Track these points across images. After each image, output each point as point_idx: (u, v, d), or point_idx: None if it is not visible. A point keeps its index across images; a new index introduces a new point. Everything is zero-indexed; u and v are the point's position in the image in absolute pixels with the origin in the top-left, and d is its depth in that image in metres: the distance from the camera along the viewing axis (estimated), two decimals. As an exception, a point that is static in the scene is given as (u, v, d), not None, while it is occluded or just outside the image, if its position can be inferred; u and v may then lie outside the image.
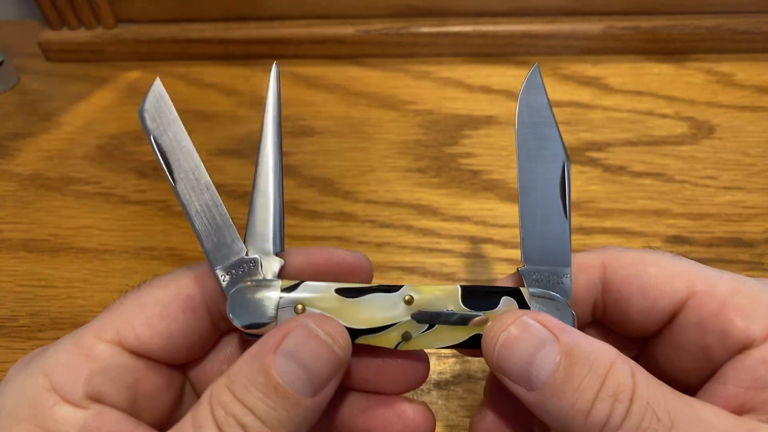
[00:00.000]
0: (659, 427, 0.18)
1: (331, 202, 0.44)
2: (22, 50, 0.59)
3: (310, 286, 0.22)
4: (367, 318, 0.21)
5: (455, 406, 0.33)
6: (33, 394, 0.20)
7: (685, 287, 0.21)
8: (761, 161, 0.44)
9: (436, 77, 0.54)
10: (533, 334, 0.20)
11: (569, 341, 0.19)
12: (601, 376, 0.18)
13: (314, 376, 0.19)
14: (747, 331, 0.20)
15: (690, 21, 0.52)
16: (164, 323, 0.21)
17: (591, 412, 0.18)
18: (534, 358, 0.19)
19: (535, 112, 0.23)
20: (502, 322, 0.20)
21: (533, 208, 0.23)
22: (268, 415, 0.18)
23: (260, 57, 0.57)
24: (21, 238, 0.43)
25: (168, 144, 0.22)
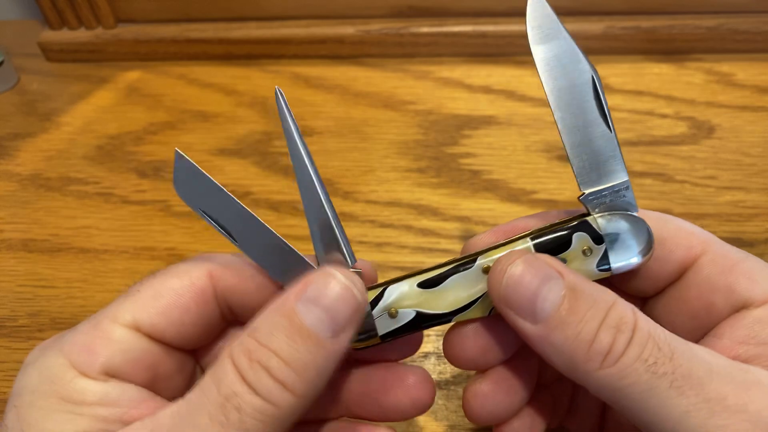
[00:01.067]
0: (660, 355, 0.18)
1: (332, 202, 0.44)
2: (22, 50, 0.59)
3: (394, 290, 0.22)
4: (454, 300, 0.22)
5: (455, 406, 0.33)
6: (53, 372, 0.21)
7: (700, 245, 0.22)
8: (761, 161, 0.44)
9: (436, 77, 0.54)
10: (539, 269, 0.20)
11: (573, 279, 0.20)
12: (604, 309, 0.19)
13: (335, 317, 0.20)
14: (750, 291, 0.21)
15: (690, 21, 0.52)
16: (178, 312, 0.23)
17: (594, 342, 0.19)
18: (539, 292, 0.20)
19: (547, 35, 0.22)
20: (508, 258, 0.21)
21: (575, 132, 0.22)
22: (293, 357, 0.19)
23: (260, 57, 0.57)
24: (21, 238, 0.43)
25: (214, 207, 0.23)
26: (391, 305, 0.22)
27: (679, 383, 0.18)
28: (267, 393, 0.18)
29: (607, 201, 0.22)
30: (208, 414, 0.18)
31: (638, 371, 0.18)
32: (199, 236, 0.42)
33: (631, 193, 0.22)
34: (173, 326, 0.23)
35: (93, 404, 0.20)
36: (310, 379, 0.19)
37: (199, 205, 0.23)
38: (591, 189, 0.22)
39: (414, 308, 0.22)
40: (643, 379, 0.18)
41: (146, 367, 0.22)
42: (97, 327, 0.22)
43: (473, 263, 0.22)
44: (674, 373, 0.18)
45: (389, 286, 0.23)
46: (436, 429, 0.32)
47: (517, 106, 0.50)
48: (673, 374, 0.18)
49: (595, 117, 0.22)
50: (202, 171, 0.23)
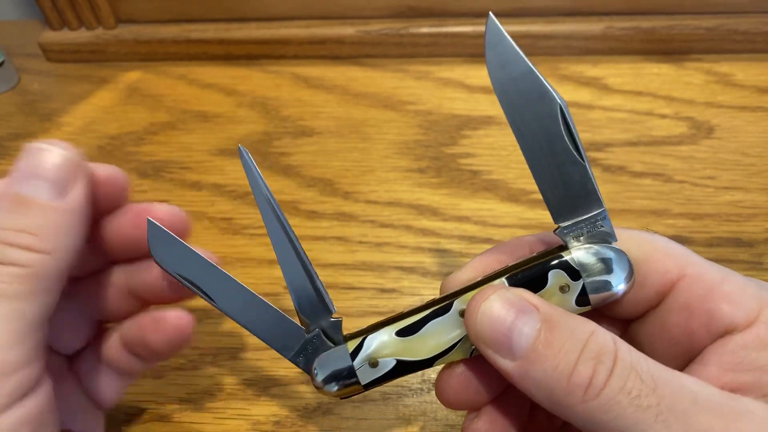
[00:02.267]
0: (643, 387, 0.18)
1: (331, 202, 0.44)
2: (23, 50, 0.59)
3: (374, 339, 0.22)
4: (433, 346, 0.22)
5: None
6: None
7: (676, 269, 0.21)
8: (761, 161, 0.44)
9: (436, 77, 0.54)
10: (513, 304, 0.20)
11: (548, 310, 0.20)
12: (582, 341, 0.19)
13: (51, 179, 0.21)
14: (732, 316, 0.20)
15: (690, 21, 0.52)
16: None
17: (573, 375, 0.18)
18: (514, 326, 0.19)
19: (507, 66, 0.21)
20: (482, 294, 0.21)
21: (545, 164, 0.21)
22: (24, 224, 0.20)
23: (260, 57, 0.57)
24: (21, 238, 0.43)
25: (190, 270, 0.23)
26: (371, 356, 0.22)
27: (665, 416, 0.17)
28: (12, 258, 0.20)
29: (584, 231, 0.22)
30: None
31: (622, 404, 0.18)
32: (199, 236, 0.42)
33: (609, 222, 0.22)
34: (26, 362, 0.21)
35: None
36: (52, 236, 0.20)
37: (177, 270, 0.23)
38: (567, 222, 0.22)
39: (394, 357, 0.22)
40: (628, 412, 0.18)
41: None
42: None
43: (450, 308, 0.22)
44: (659, 405, 0.18)
45: (369, 335, 0.22)
46: (435, 429, 0.32)
47: (516, 106, 0.50)
48: (658, 407, 0.18)
49: (566, 148, 0.21)
50: (176, 238, 0.23)
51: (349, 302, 0.38)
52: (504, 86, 0.21)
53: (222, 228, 0.42)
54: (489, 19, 0.20)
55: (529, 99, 0.21)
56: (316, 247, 0.41)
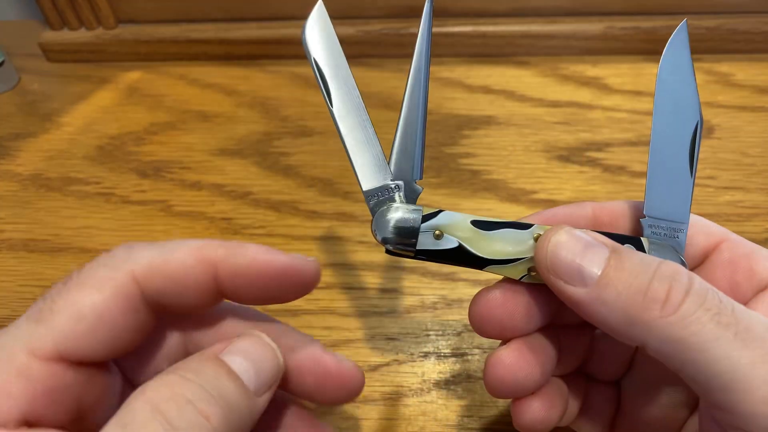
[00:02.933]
0: (722, 307, 0.18)
1: (331, 202, 0.44)
2: (23, 50, 0.59)
3: (448, 216, 0.23)
4: (497, 250, 0.23)
5: (455, 406, 0.33)
6: None
7: (719, 233, 0.24)
8: (761, 161, 0.44)
9: (435, 77, 0.54)
10: (581, 238, 0.21)
11: (617, 245, 0.20)
12: (653, 266, 0.19)
13: (260, 372, 0.20)
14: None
15: (689, 21, 0.52)
16: (104, 330, 0.20)
17: (648, 290, 0.19)
18: (584, 256, 0.20)
19: (676, 71, 0.24)
20: (552, 230, 0.21)
21: (662, 163, 0.24)
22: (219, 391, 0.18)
23: (260, 57, 0.57)
24: (22, 238, 0.43)
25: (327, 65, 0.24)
26: (439, 227, 0.23)
27: (743, 335, 0.18)
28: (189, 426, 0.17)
29: (661, 234, 0.23)
30: None
31: (702, 320, 0.18)
32: (199, 236, 0.42)
33: (684, 237, 0.23)
34: (102, 346, 0.20)
35: None
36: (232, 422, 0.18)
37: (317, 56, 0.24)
38: (653, 216, 0.24)
39: (459, 240, 0.23)
40: (707, 328, 0.18)
41: (71, 402, 0.19)
42: (11, 362, 0.18)
43: (529, 227, 0.23)
44: (737, 325, 0.18)
45: (445, 211, 0.23)
46: (435, 429, 0.32)
47: (516, 106, 0.50)
48: (737, 326, 0.18)
49: (684, 158, 0.24)
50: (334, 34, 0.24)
51: (349, 302, 0.38)
52: (666, 84, 0.24)
53: (222, 228, 0.42)
54: (682, 24, 0.24)
55: (680, 104, 0.24)
56: (316, 247, 0.41)
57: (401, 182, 0.24)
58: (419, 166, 0.24)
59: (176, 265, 0.20)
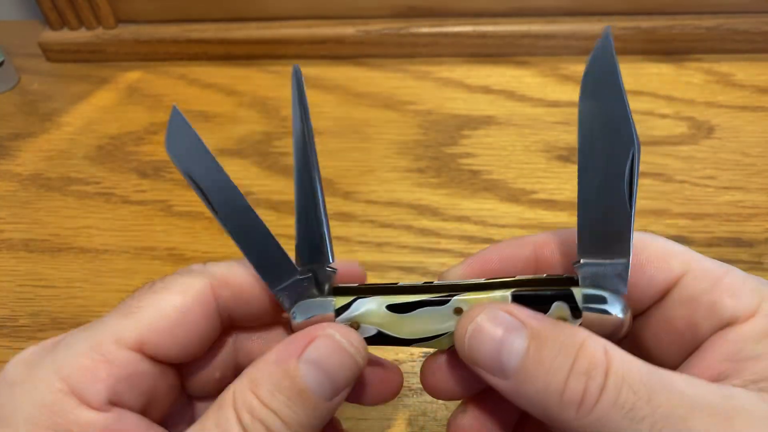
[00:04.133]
0: (636, 399, 0.18)
1: (331, 202, 0.44)
2: (23, 50, 0.59)
3: (363, 304, 0.22)
4: (419, 330, 0.22)
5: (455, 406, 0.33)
6: (52, 399, 0.19)
7: (680, 265, 0.22)
8: (761, 161, 0.44)
9: (436, 77, 0.54)
10: (500, 322, 0.20)
11: (536, 325, 0.19)
12: (572, 355, 0.19)
13: (335, 382, 0.20)
14: (734, 308, 0.20)
15: (690, 21, 0.52)
16: (184, 331, 0.22)
17: (565, 392, 0.18)
18: (503, 346, 0.19)
19: (604, 90, 0.20)
20: (469, 314, 0.21)
21: (594, 198, 0.21)
22: (291, 419, 0.19)
23: (260, 57, 0.57)
24: (21, 238, 0.43)
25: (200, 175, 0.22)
26: (355, 318, 0.22)
27: (660, 425, 0.17)
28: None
29: (600, 274, 0.21)
30: None
31: (615, 419, 0.18)
32: (199, 236, 0.42)
33: (627, 274, 0.21)
34: (178, 346, 0.22)
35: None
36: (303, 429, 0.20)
37: (187, 169, 0.22)
38: (589, 260, 0.21)
39: (377, 327, 0.22)
40: (622, 425, 0.18)
41: (146, 391, 0.22)
42: (98, 349, 0.21)
43: (448, 301, 0.22)
44: (654, 415, 0.17)
45: (360, 298, 0.22)
46: (435, 429, 0.32)
47: (516, 106, 0.50)
48: (653, 416, 0.17)
49: (620, 191, 0.21)
50: (196, 135, 0.22)
51: (349, 302, 0.37)
52: (591, 106, 0.20)
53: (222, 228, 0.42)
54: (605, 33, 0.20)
55: (611, 128, 0.20)
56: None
57: (310, 273, 0.23)
58: (329, 248, 0.23)
59: (242, 279, 0.23)
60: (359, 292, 0.22)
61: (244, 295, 0.23)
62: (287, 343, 0.21)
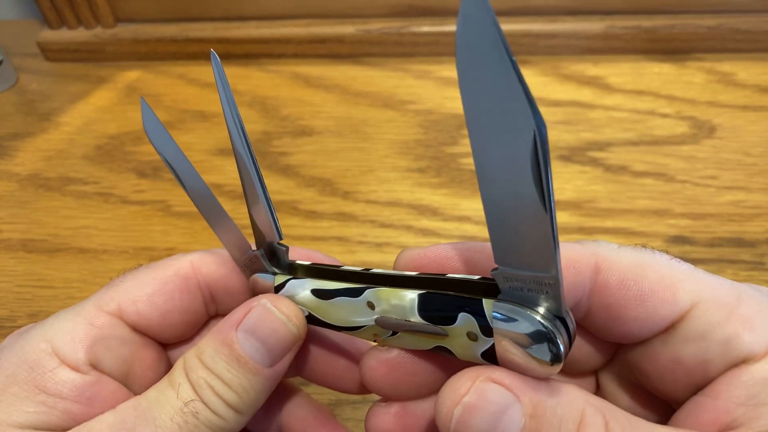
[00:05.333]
0: None
1: (331, 202, 0.43)
2: (21, 50, 0.59)
3: (293, 285, 0.23)
4: (340, 318, 0.22)
5: (456, 407, 0.33)
6: (33, 358, 0.20)
7: (687, 296, 0.19)
8: (762, 161, 0.44)
9: (436, 77, 0.53)
10: (492, 400, 0.17)
11: (532, 400, 0.17)
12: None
13: (271, 348, 0.21)
14: (750, 344, 0.18)
15: (691, 20, 0.52)
16: (162, 300, 0.23)
17: None
18: (497, 428, 0.17)
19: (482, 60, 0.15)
20: (456, 389, 0.18)
21: (499, 202, 0.16)
22: (233, 382, 0.21)
23: (260, 57, 0.56)
24: (20, 238, 0.43)
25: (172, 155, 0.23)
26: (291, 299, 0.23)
27: None
28: (215, 408, 0.20)
29: (524, 290, 0.17)
30: (169, 414, 0.20)
31: None
32: (198, 236, 0.42)
33: (560, 290, 0.17)
34: (158, 315, 0.23)
35: (68, 399, 0.20)
36: (250, 399, 0.21)
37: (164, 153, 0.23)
38: (507, 269, 0.17)
39: (307, 309, 0.23)
40: None
41: (125, 359, 0.22)
42: (80, 314, 0.22)
43: (361, 293, 0.21)
44: None
45: (294, 279, 0.23)
46: (436, 430, 0.32)
47: (517, 105, 0.50)
48: None
49: (529, 188, 0.15)
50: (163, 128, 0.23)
51: (349, 303, 0.37)
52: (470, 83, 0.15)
53: (221, 228, 0.42)
54: None
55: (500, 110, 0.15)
56: (316, 247, 0.40)
57: (261, 250, 0.24)
58: (276, 227, 0.23)
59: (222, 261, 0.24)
60: (307, 272, 0.23)
61: (222, 278, 0.24)
62: (229, 315, 0.22)
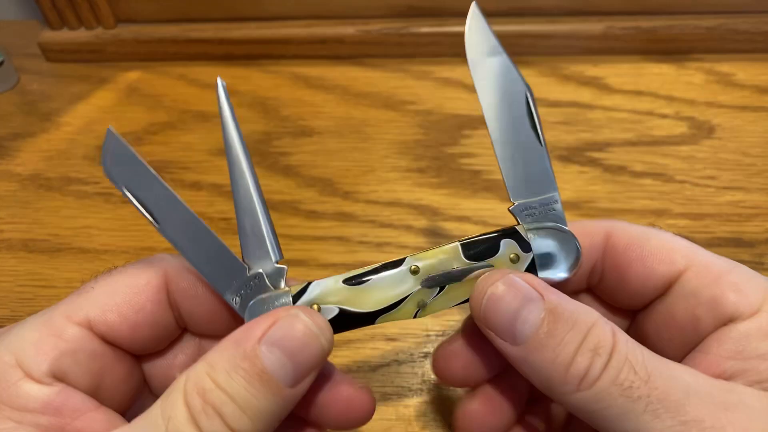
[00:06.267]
0: (635, 379, 0.18)
1: (331, 202, 0.44)
2: (22, 50, 0.59)
3: (319, 285, 0.22)
4: (380, 299, 0.22)
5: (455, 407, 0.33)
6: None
7: (683, 259, 0.22)
8: (761, 161, 0.44)
9: (436, 77, 0.54)
10: (519, 290, 0.20)
11: (554, 300, 0.20)
12: (583, 332, 0.19)
13: (299, 365, 0.19)
14: (737, 304, 0.20)
15: (690, 21, 0.52)
16: (132, 311, 0.22)
17: (571, 365, 0.19)
18: (519, 314, 0.20)
19: (484, 50, 0.23)
20: (490, 277, 0.21)
21: (508, 145, 0.23)
22: (249, 404, 0.18)
23: (260, 57, 0.57)
24: (21, 238, 0.43)
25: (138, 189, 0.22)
26: (314, 300, 0.22)
27: (655, 406, 0.18)
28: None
29: (537, 214, 0.23)
30: None
31: (613, 395, 0.18)
32: (199, 236, 0.42)
33: (560, 207, 0.23)
34: (127, 326, 0.22)
35: (35, 411, 0.19)
36: (264, 425, 0.19)
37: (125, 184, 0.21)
38: (521, 200, 0.23)
39: (337, 305, 0.22)
40: (618, 402, 0.18)
41: (94, 372, 0.21)
42: (47, 324, 0.21)
43: (401, 263, 0.22)
44: (650, 396, 0.18)
45: (314, 281, 0.22)
46: (435, 429, 0.32)
47: (517, 106, 0.50)
48: (649, 397, 0.18)
49: (527, 131, 0.23)
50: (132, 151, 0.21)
51: (349, 302, 0.37)
52: (479, 66, 0.23)
53: (221, 228, 0.42)
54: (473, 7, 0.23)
55: (501, 81, 0.23)
56: (316, 247, 0.41)
57: (260, 270, 0.22)
58: (274, 245, 0.22)
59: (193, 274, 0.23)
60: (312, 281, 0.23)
61: (194, 290, 0.23)
62: (248, 325, 0.19)
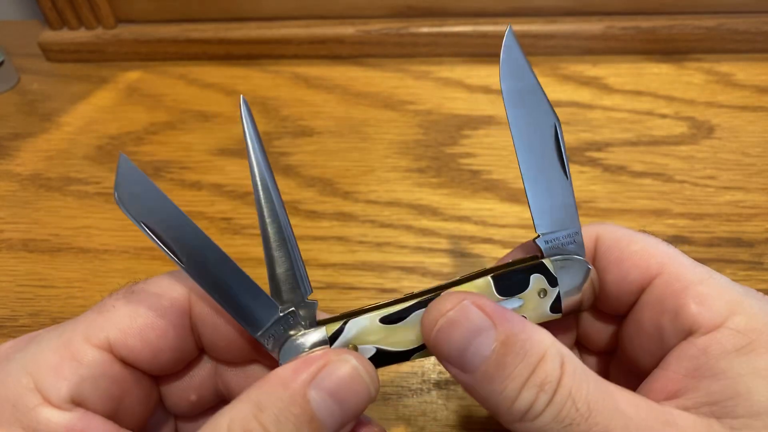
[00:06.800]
0: (577, 416, 0.18)
1: (331, 202, 0.44)
2: (23, 50, 0.59)
3: (356, 324, 0.21)
4: (417, 338, 0.22)
5: (455, 406, 0.33)
6: (16, 394, 0.19)
7: (657, 266, 0.22)
8: (761, 161, 0.44)
9: (436, 77, 0.54)
10: (471, 320, 0.20)
11: (506, 329, 0.19)
12: (532, 365, 0.19)
13: (346, 412, 0.19)
14: (696, 316, 0.20)
15: (690, 21, 0.52)
16: (155, 336, 0.21)
17: (517, 400, 0.19)
18: (470, 344, 0.19)
19: (518, 78, 0.23)
20: (442, 304, 0.20)
21: (535, 176, 0.23)
22: None
23: (260, 57, 0.57)
24: (21, 238, 0.43)
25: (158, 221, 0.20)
26: (351, 340, 0.21)
27: None
28: None
29: (559, 244, 0.23)
30: None
31: (554, 431, 0.18)
32: (199, 236, 0.42)
33: (581, 239, 0.23)
34: (149, 351, 0.21)
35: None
36: None
37: (143, 218, 0.20)
38: (546, 232, 0.23)
39: (374, 344, 0.21)
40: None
41: (114, 396, 0.21)
42: (67, 346, 0.20)
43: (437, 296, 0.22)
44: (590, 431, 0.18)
45: (350, 319, 0.21)
46: (435, 429, 0.32)
47: (516, 106, 0.50)
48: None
49: (554, 164, 0.23)
50: (150, 182, 0.20)
51: (349, 302, 0.37)
52: (512, 94, 0.23)
53: (221, 228, 0.42)
54: (508, 31, 0.22)
55: (532, 111, 0.23)
56: (316, 247, 0.41)
57: (292, 308, 0.21)
58: (305, 281, 0.21)
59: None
60: (346, 317, 0.22)
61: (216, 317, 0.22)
62: (296, 366, 0.19)
